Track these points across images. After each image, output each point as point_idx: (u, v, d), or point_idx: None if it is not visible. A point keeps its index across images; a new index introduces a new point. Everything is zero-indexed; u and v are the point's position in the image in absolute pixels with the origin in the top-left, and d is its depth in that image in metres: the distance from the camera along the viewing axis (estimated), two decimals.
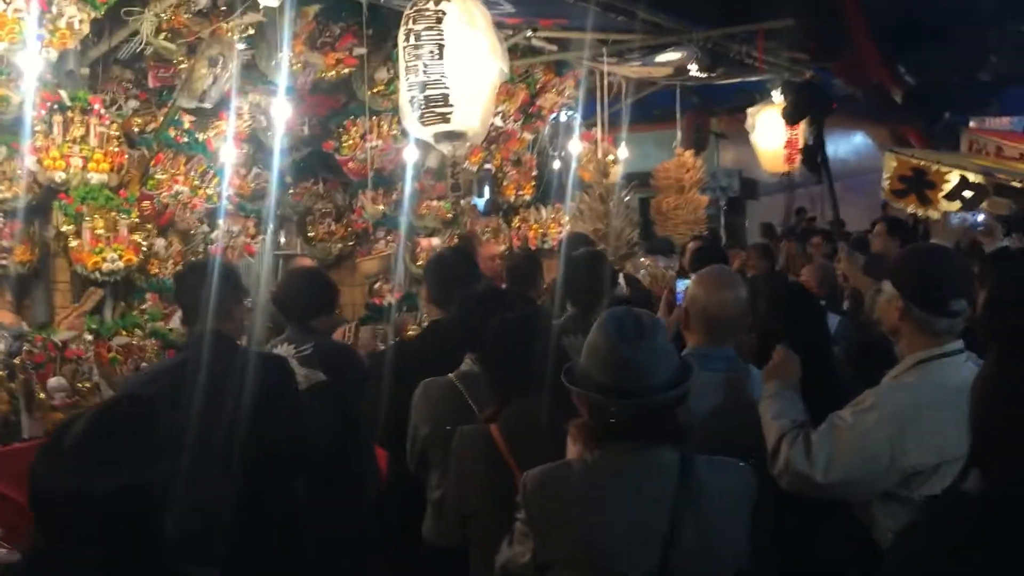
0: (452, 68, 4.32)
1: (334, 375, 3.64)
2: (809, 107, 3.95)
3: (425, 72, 4.33)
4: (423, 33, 4.33)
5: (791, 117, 4.34)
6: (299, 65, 6.42)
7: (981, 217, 4.21)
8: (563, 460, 2.16)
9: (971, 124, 18.80)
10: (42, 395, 3.90)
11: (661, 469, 2.08)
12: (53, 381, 3.94)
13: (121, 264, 5.17)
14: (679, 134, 10.17)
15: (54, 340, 4.05)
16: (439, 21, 4.31)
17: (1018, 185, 10.68)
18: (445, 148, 4.59)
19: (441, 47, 4.31)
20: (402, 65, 4.45)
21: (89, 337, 4.26)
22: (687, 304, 2.78)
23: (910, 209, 10.71)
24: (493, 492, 2.32)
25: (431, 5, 4.35)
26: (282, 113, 5.84)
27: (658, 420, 2.08)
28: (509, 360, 2.52)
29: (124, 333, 4.53)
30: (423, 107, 4.37)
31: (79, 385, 4.07)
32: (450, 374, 2.89)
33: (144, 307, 5.43)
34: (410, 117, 4.45)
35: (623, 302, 3.57)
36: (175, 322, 4.95)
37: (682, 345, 2.79)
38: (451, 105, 4.35)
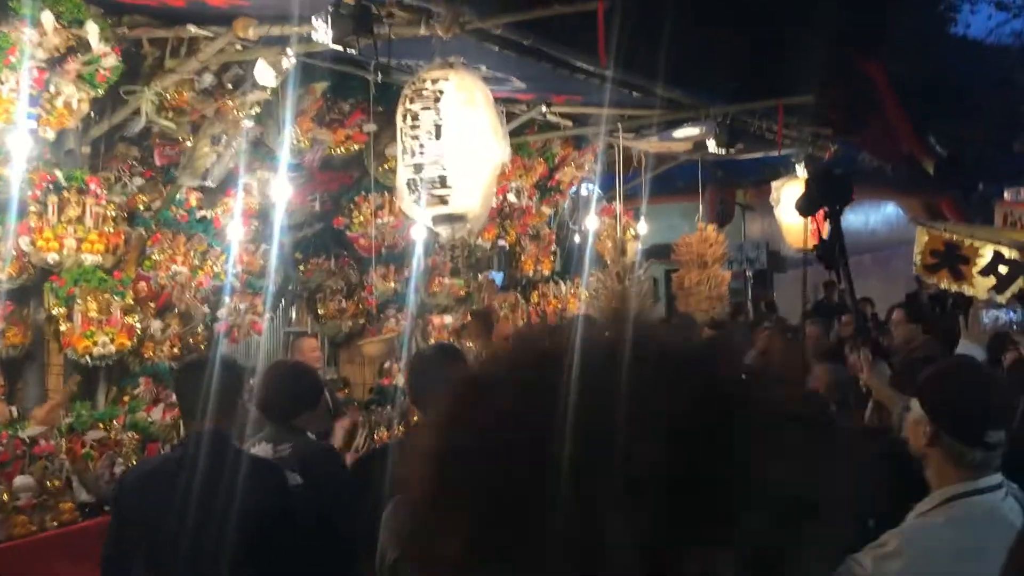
0: (450, 149, 4.15)
1: (312, 478, 3.39)
2: (825, 198, 3.66)
3: (422, 153, 4.16)
4: (421, 113, 4.18)
5: (805, 209, 4.06)
6: (307, 142, 6.31)
7: (1016, 314, 3.85)
8: None
9: (1005, 195, 18.47)
10: (6, 496, 3.68)
11: None
12: (19, 480, 3.72)
13: (113, 348, 5.02)
14: (701, 208, 9.96)
15: (21, 436, 3.85)
16: (437, 101, 4.15)
17: None
18: (444, 230, 4.39)
19: (439, 127, 4.15)
20: (399, 146, 4.29)
21: (62, 430, 4.05)
22: None
23: (943, 285, 10.38)
24: None
25: (428, 84, 4.20)
26: (283, 191, 5.70)
27: None
28: None
29: (101, 426, 4.33)
30: (420, 189, 4.19)
31: (48, 484, 3.85)
32: None
33: (137, 392, 5.25)
34: (407, 199, 4.27)
35: None
36: (157, 413, 4.74)
37: None
38: (449, 187, 4.17)
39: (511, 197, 8.26)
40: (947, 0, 21.79)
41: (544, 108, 7.04)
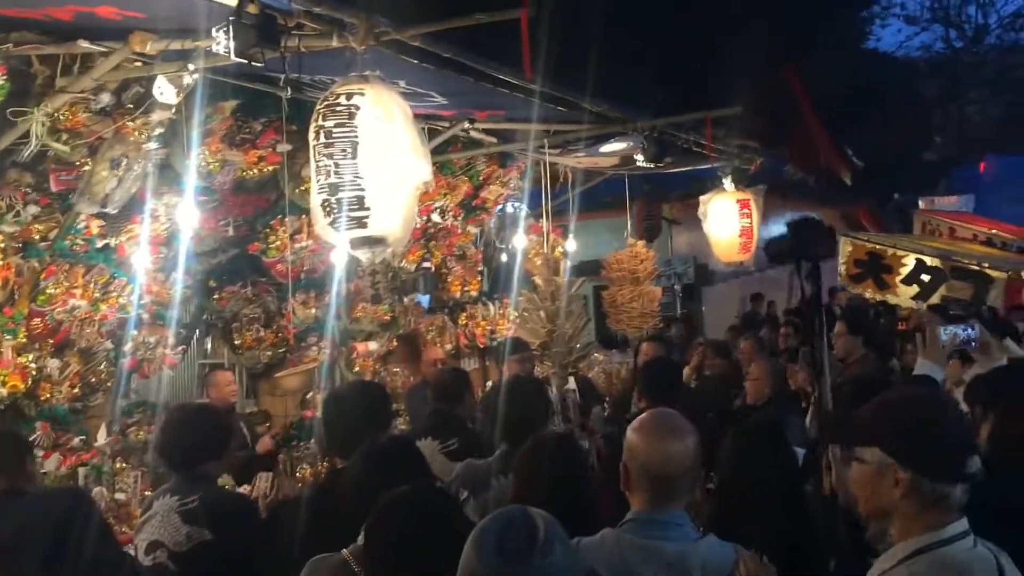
0: (367, 168, 3.87)
1: (222, 532, 3.08)
2: (804, 249, 3.25)
3: (337, 173, 3.88)
4: (334, 130, 3.89)
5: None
6: (217, 164, 5.96)
7: (973, 331, 3.72)
8: None
9: (920, 204, 18.95)
10: None
11: None
12: None
13: (4, 391, 4.61)
14: (628, 223, 9.84)
15: None
16: (351, 117, 3.88)
17: (975, 268, 10.49)
18: (363, 255, 4.11)
19: (355, 145, 3.87)
20: (313, 165, 4.00)
21: None
22: (625, 458, 2.28)
23: (868, 294, 10.44)
24: None
25: (343, 100, 3.93)
26: (191, 216, 5.34)
27: None
28: (395, 552, 1.96)
29: None
30: (336, 211, 3.91)
31: None
32: (344, 550, 2.31)
33: (33, 438, 4.82)
34: (322, 222, 3.98)
35: (553, 439, 3.03)
36: (52, 463, 4.34)
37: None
38: (367, 208, 3.89)
39: (435, 217, 8.00)
40: (860, 14, 22.33)
41: (467, 124, 6.80)
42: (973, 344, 3.78)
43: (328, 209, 3.94)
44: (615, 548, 2.18)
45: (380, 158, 3.89)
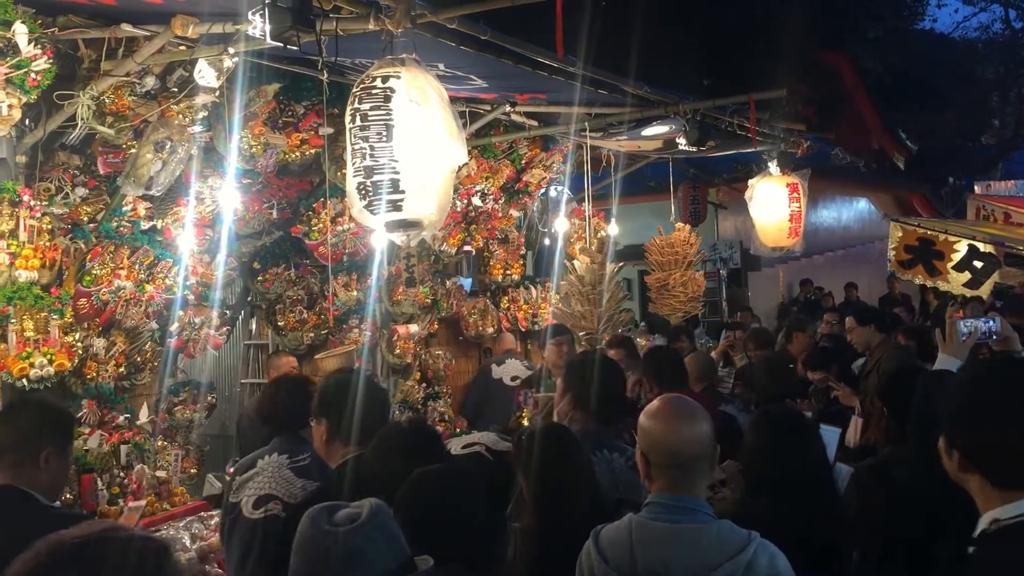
0: (402, 151, 3.87)
1: (331, 487, 3.24)
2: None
3: (372, 156, 3.89)
4: (370, 113, 3.90)
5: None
6: (259, 147, 6.02)
7: (994, 324, 3.60)
8: None
9: (976, 188, 18.50)
10: None
11: None
12: None
13: (52, 370, 4.70)
14: (673, 207, 9.76)
15: None
16: (387, 100, 3.88)
17: None
18: (398, 238, 4.12)
19: (390, 127, 3.87)
20: (348, 148, 4.01)
21: None
22: (641, 444, 2.29)
23: (918, 280, 10.22)
24: None
25: (378, 83, 3.93)
26: (232, 198, 5.40)
27: None
28: (421, 529, 1.98)
29: None
30: (371, 194, 3.92)
31: None
32: None
33: (80, 415, 4.94)
34: (358, 205, 3.99)
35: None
36: (95, 441, 4.43)
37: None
38: (402, 191, 3.89)
39: (476, 201, 8.01)
40: None
41: (508, 108, 6.78)
42: (994, 337, 3.68)
43: (364, 192, 3.95)
44: (636, 530, 2.19)
45: (415, 141, 3.89)
